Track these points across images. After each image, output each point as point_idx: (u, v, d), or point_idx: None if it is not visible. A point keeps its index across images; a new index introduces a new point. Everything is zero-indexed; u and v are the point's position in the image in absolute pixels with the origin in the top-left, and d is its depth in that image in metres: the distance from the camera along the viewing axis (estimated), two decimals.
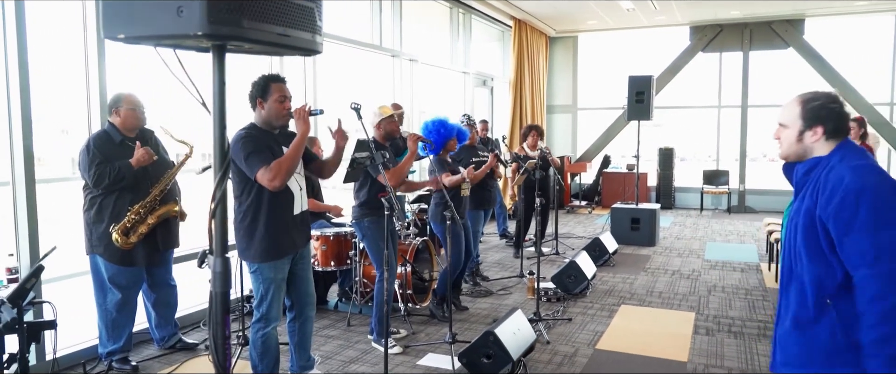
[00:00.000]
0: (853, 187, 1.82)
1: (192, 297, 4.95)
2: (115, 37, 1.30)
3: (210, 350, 1.45)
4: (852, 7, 9.91)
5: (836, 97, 2.01)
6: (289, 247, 3.26)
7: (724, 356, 4.14)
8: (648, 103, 8.22)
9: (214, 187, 1.39)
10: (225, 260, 1.39)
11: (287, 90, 3.21)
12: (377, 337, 4.30)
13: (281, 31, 1.31)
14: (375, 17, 7.35)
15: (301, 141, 3.10)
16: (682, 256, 7.38)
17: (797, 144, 2.01)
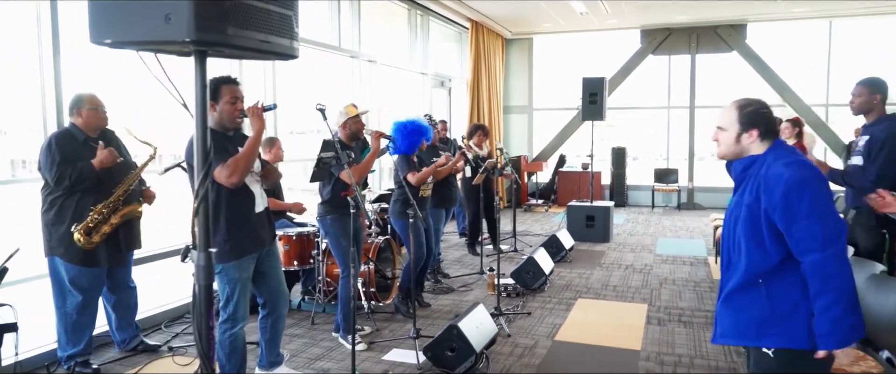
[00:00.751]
0: (794, 181, 2.01)
1: (152, 299, 4.92)
2: (102, 42, 1.36)
3: (195, 342, 1.51)
4: (790, 13, 10.43)
5: (766, 103, 2.22)
6: (252, 246, 3.29)
7: (674, 344, 4.36)
8: (601, 104, 8.48)
9: (198, 186, 1.46)
10: (208, 254, 1.46)
11: (239, 91, 3.23)
12: (343, 334, 4.36)
13: (262, 38, 1.39)
14: (334, 18, 7.39)
15: (257, 137, 3.14)
16: (634, 251, 7.66)
17: (735, 144, 2.20)
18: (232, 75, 3.26)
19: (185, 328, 4.73)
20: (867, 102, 3.85)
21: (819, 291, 1.99)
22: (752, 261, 2.12)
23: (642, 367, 3.94)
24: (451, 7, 9.43)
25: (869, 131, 3.84)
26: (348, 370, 3.87)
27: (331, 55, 7.36)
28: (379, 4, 8.39)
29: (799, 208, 2.00)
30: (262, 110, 3.16)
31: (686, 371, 3.87)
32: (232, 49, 1.39)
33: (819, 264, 1.98)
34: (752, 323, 2.13)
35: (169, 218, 5.70)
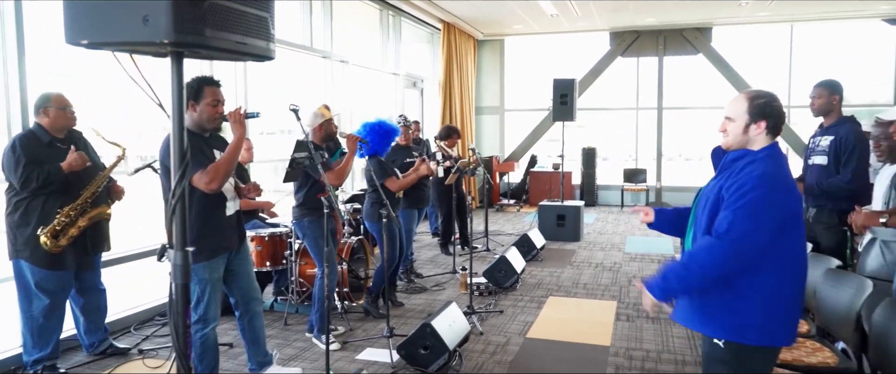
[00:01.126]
0: (755, 182, 2.07)
1: (121, 301, 4.85)
2: (78, 42, 1.36)
3: (172, 340, 1.52)
4: (754, 17, 10.70)
5: (777, 96, 2.25)
6: (222, 247, 3.29)
7: (643, 339, 4.46)
8: (572, 105, 8.61)
9: (174, 185, 1.47)
10: (185, 253, 1.47)
11: (220, 94, 3.21)
12: (318, 334, 4.36)
13: (239, 40, 1.41)
14: (306, 18, 7.36)
15: (237, 145, 3.14)
16: (604, 250, 7.79)
17: (743, 135, 2.21)
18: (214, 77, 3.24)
19: (156, 330, 4.68)
20: (827, 103, 4.01)
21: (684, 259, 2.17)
22: None
23: (611, 362, 4.03)
24: (423, 8, 9.46)
25: (833, 132, 3.99)
26: (322, 370, 3.88)
27: (303, 55, 7.34)
28: (351, 5, 8.39)
29: (738, 200, 2.07)
30: (244, 117, 3.15)
31: (654, 366, 3.98)
32: (209, 50, 1.41)
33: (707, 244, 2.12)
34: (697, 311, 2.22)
35: (138, 219, 5.63)
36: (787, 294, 2.14)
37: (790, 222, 2.11)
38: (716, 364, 2.21)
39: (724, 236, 2.06)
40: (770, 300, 2.11)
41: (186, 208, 1.44)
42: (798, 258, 2.17)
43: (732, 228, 2.05)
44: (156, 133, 6.31)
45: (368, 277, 5.32)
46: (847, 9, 9.92)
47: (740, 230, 2.04)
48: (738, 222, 2.04)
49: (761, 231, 2.05)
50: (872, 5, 9.76)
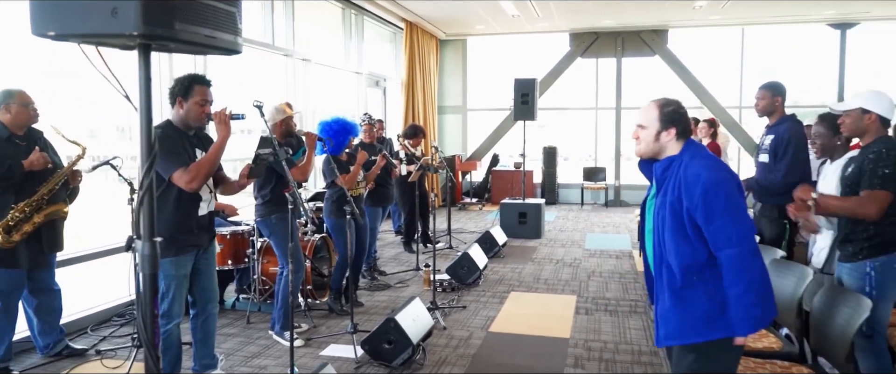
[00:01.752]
0: (711, 182, 2.16)
1: (77, 302, 4.74)
2: (45, 34, 1.36)
3: (138, 331, 1.54)
4: (708, 20, 11.05)
5: (683, 104, 2.36)
6: (190, 245, 3.28)
7: (601, 331, 4.60)
8: (533, 105, 8.75)
9: (142, 177, 1.48)
10: (153, 244, 1.49)
11: (209, 94, 3.21)
12: (280, 331, 4.35)
13: (208, 33, 1.44)
14: (267, 16, 7.30)
15: (221, 145, 3.14)
16: (564, 246, 7.95)
17: (655, 142, 2.31)
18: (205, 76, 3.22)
19: (114, 331, 4.60)
20: (770, 103, 4.20)
21: (733, 282, 2.14)
22: (683, 258, 2.21)
23: (571, 353, 4.14)
24: (386, 7, 9.48)
25: (773, 131, 4.18)
26: (286, 366, 3.89)
27: (264, 53, 7.28)
28: (313, 3, 8.35)
29: (716, 207, 2.14)
30: (229, 118, 3.14)
31: (611, 356, 4.11)
32: (178, 43, 1.43)
33: (733, 258, 2.13)
34: (698, 322, 2.22)
35: (94, 219, 5.50)
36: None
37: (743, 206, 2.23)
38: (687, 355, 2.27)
39: (739, 242, 2.13)
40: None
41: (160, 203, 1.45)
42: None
43: (738, 231, 2.13)
44: (110, 131, 6.20)
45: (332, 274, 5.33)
46: (794, 13, 10.33)
47: (743, 227, 2.14)
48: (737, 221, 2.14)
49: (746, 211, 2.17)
50: (818, 10, 10.19)
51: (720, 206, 2.14)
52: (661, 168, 2.32)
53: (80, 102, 5.26)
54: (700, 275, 2.21)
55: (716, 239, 2.16)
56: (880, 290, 2.74)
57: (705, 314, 2.20)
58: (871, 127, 2.85)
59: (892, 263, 2.74)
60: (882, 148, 2.76)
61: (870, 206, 2.72)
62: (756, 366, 2.73)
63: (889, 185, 2.68)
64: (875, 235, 2.76)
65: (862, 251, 2.80)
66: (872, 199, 2.72)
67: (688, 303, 2.23)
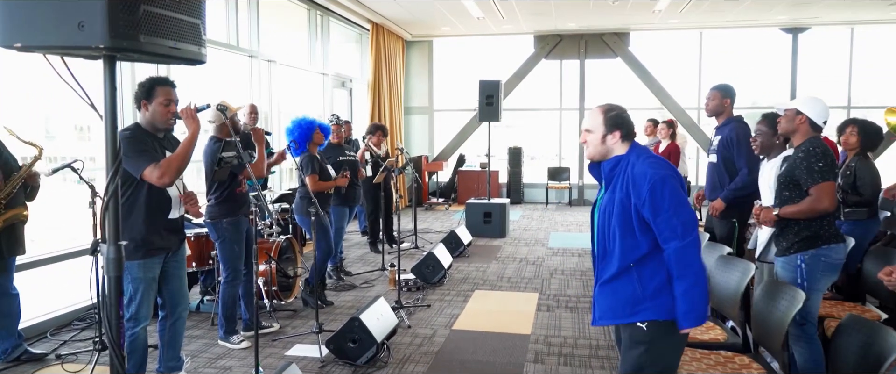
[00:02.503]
0: (657, 178, 2.30)
1: (35, 306, 4.68)
2: (11, 45, 1.40)
3: (104, 333, 1.58)
4: (667, 23, 11.35)
5: (625, 108, 2.50)
6: (159, 248, 3.29)
7: (561, 327, 4.74)
8: (497, 106, 8.89)
9: (107, 182, 1.53)
10: (118, 247, 1.53)
11: (173, 94, 3.22)
12: (225, 335, 4.35)
13: (172, 45, 1.49)
14: (231, 16, 7.27)
15: (192, 139, 3.15)
16: (528, 245, 8.11)
17: (601, 145, 2.46)
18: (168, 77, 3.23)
19: (74, 335, 4.56)
20: (719, 105, 4.39)
21: (679, 275, 2.29)
22: (625, 250, 2.37)
23: (531, 349, 4.27)
24: (352, 8, 9.51)
25: (720, 132, 4.38)
26: (251, 367, 3.92)
27: (228, 54, 7.25)
28: (277, 4, 8.34)
29: (662, 202, 2.28)
30: (195, 111, 3.16)
31: (570, 350, 4.25)
32: (143, 55, 1.49)
33: (679, 251, 2.28)
34: (627, 303, 2.38)
35: (53, 222, 5.43)
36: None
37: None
38: (638, 346, 2.40)
39: (683, 234, 2.27)
40: None
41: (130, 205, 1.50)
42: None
43: (682, 224, 2.27)
44: (68, 131, 6.11)
45: (297, 275, 5.37)
46: (748, 17, 10.70)
47: (688, 219, 2.28)
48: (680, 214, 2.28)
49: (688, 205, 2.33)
50: (770, 16, 10.56)
51: (666, 200, 2.28)
52: (609, 167, 2.46)
53: (34, 101, 5.19)
54: (636, 264, 2.37)
55: (663, 230, 2.30)
56: (810, 281, 2.93)
57: (633, 298, 2.37)
58: (801, 128, 3.04)
59: (819, 256, 2.93)
60: (809, 147, 2.96)
61: (823, 199, 2.91)
62: (701, 356, 2.89)
63: (828, 175, 2.88)
64: (804, 229, 2.95)
65: (793, 246, 2.99)
66: (821, 192, 2.91)
67: (619, 288, 2.40)
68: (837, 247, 2.98)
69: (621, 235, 2.38)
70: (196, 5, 1.57)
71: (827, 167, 2.90)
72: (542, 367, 3.96)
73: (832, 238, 2.98)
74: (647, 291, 2.36)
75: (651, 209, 2.30)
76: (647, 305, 2.37)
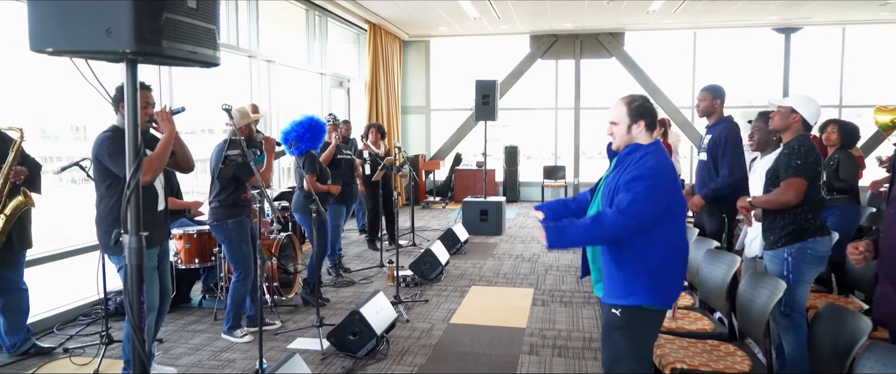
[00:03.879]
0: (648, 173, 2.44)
1: (42, 302, 4.78)
2: (43, 50, 1.52)
3: (127, 317, 1.70)
4: (661, 24, 11.49)
5: (648, 97, 2.64)
6: (153, 240, 3.41)
7: (555, 321, 4.87)
8: (493, 105, 9.01)
9: (129, 178, 1.66)
10: (139, 237, 1.65)
11: (150, 97, 3.36)
12: (228, 330, 4.47)
13: (191, 49, 1.61)
14: (231, 17, 7.38)
15: (169, 139, 3.27)
16: (524, 242, 8.23)
17: (627, 135, 2.57)
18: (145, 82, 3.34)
19: (80, 330, 4.66)
20: (710, 105, 4.52)
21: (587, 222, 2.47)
22: None
23: (527, 341, 4.40)
24: (349, 9, 9.62)
25: (711, 131, 4.51)
26: (254, 359, 4.03)
27: (228, 55, 7.35)
28: (277, 5, 8.44)
29: (632, 186, 2.43)
30: (170, 114, 3.29)
31: (564, 343, 4.37)
32: (164, 58, 1.61)
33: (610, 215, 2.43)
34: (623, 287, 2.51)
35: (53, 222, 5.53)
36: (671, 266, 2.52)
37: (674, 206, 2.51)
38: (613, 331, 2.58)
39: (624, 211, 2.41)
40: (656, 272, 2.48)
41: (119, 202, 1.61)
42: (679, 237, 2.56)
43: (630, 207, 2.40)
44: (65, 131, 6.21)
45: (298, 271, 5.48)
46: (741, 18, 10.84)
47: (636, 210, 2.40)
48: (635, 202, 2.41)
49: (650, 212, 2.43)
50: (763, 16, 10.71)
51: (638, 187, 2.42)
52: (626, 151, 2.58)
53: (30, 101, 5.27)
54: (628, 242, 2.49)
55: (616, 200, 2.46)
56: (796, 273, 3.06)
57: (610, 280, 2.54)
58: (794, 126, 3.17)
59: (805, 249, 3.06)
60: (796, 144, 3.09)
61: (788, 192, 3.04)
62: (689, 345, 3.01)
63: (801, 173, 3.01)
64: (790, 224, 3.08)
65: (780, 240, 3.11)
66: (789, 186, 3.04)
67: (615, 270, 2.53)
68: (823, 240, 3.11)
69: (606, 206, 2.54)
70: (212, 13, 1.69)
71: (804, 165, 3.02)
72: (536, 359, 4.09)
73: (818, 231, 3.11)
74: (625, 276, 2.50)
75: (624, 186, 2.45)
76: (620, 292, 2.52)
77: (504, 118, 12.67)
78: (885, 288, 2.28)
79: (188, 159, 3.65)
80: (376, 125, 7.56)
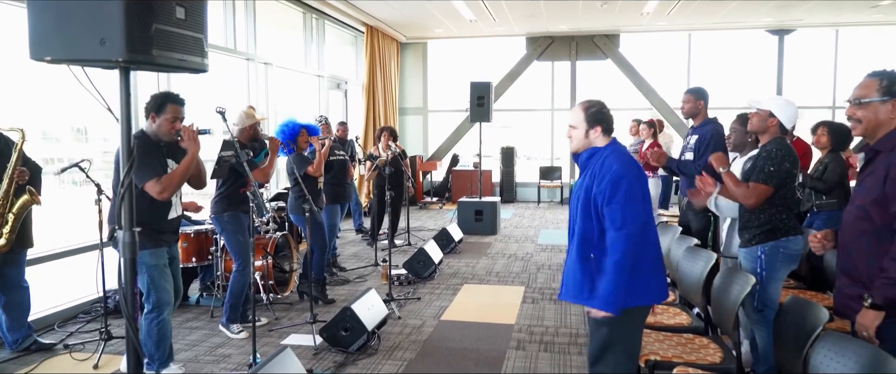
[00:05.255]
0: (618, 175, 2.58)
1: (46, 300, 4.90)
2: (42, 58, 1.64)
3: (122, 308, 1.81)
4: (656, 25, 11.61)
5: (605, 104, 2.77)
6: (164, 241, 3.55)
7: (544, 317, 4.98)
8: (488, 107, 9.12)
9: (123, 176, 1.78)
10: (132, 233, 1.77)
11: (181, 112, 3.46)
12: (226, 322, 4.59)
13: (180, 57, 1.73)
14: (229, 20, 7.50)
15: (191, 160, 3.40)
16: (518, 242, 8.35)
17: (585, 139, 2.74)
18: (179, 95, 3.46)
19: (80, 327, 4.78)
20: (694, 107, 4.64)
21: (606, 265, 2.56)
22: (585, 231, 2.67)
23: (514, 337, 4.51)
24: (346, 11, 9.74)
25: (697, 132, 4.62)
26: (248, 354, 4.15)
27: (225, 57, 7.47)
28: (274, 8, 8.56)
29: (614, 195, 2.56)
30: (196, 133, 3.40)
31: (552, 338, 4.48)
32: (154, 66, 1.73)
33: (614, 239, 2.55)
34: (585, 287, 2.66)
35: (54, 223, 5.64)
36: (650, 260, 2.64)
37: (647, 199, 2.64)
38: (601, 327, 2.69)
39: (623, 227, 2.53)
40: (638, 270, 2.59)
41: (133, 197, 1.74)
42: (651, 227, 2.68)
43: (625, 218, 2.53)
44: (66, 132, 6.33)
45: (293, 270, 5.60)
46: (734, 20, 10.96)
47: (630, 216, 2.53)
48: (625, 210, 2.54)
49: (640, 209, 2.58)
50: (756, 18, 10.82)
51: (618, 194, 2.55)
52: (586, 155, 2.75)
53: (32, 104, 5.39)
54: (595, 247, 2.63)
55: (606, 220, 2.58)
56: (769, 270, 3.17)
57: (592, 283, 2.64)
58: (771, 129, 3.28)
59: (778, 247, 3.16)
60: (773, 148, 3.19)
61: (750, 196, 3.16)
62: (664, 338, 3.12)
63: (770, 180, 3.12)
64: (765, 223, 3.19)
65: (754, 238, 3.22)
66: (754, 191, 3.16)
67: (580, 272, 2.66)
68: (795, 239, 3.22)
69: (582, 217, 2.68)
70: (200, 23, 1.82)
71: (776, 172, 3.12)
72: (523, 353, 4.20)
73: (791, 231, 3.22)
74: None
75: (603, 198, 2.58)
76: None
77: (503, 119, 12.81)
78: (841, 281, 2.39)
79: (202, 177, 3.75)
80: (388, 128, 7.66)
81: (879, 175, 2.23)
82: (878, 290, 2.16)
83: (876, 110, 2.26)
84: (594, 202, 2.63)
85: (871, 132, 2.31)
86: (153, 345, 3.52)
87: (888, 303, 2.15)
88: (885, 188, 2.19)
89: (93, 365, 4.02)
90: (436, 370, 3.92)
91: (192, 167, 3.40)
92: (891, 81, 2.23)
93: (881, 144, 2.28)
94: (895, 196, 2.15)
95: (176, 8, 1.69)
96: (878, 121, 2.27)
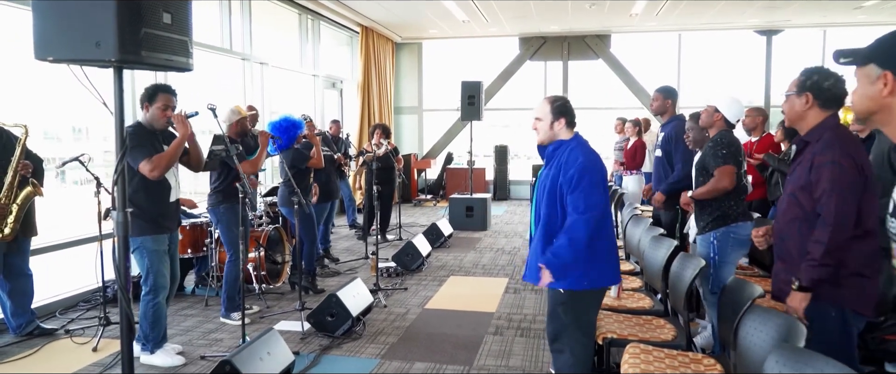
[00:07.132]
0: (583, 165, 2.80)
1: (48, 288, 5.12)
2: (45, 58, 1.88)
3: (117, 284, 2.04)
4: (646, 26, 11.82)
5: (568, 99, 2.98)
6: (166, 226, 3.80)
7: (524, 306, 5.20)
8: (479, 106, 9.35)
9: (116, 163, 2.01)
10: (125, 213, 2.00)
11: (172, 101, 3.75)
12: (226, 313, 4.82)
13: (167, 57, 1.97)
14: (225, 20, 7.72)
15: (181, 141, 3.68)
16: (507, 237, 8.57)
17: (550, 131, 2.94)
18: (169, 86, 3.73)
19: (81, 314, 5.01)
20: (662, 104, 4.86)
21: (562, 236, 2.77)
22: (550, 218, 2.87)
23: (493, 324, 4.74)
24: (341, 12, 9.96)
25: (664, 129, 4.85)
26: (239, 339, 4.37)
27: (221, 57, 7.69)
28: (270, 8, 8.79)
29: (578, 184, 2.78)
30: (185, 117, 3.67)
31: (529, 325, 4.71)
32: (144, 65, 1.96)
33: (574, 221, 2.77)
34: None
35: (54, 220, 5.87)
36: (605, 248, 2.86)
37: (606, 187, 2.87)
38: (558, 307, 2.93)
39: (585, 211, 2.74)
40: (594, 256, 2.82)
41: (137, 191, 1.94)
42: (608, 217, 2.90)
43: (587, 204, 2.75)
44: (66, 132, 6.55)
45: (285, 261, 5.83)
46: (723, 20, 11.17)
47: (593, 202, 2.75)
48: (588, 197, 2.75)
49: (601, 198, 2.80)
50: (744, 18, 11.03)
51: (582, 184, 2.77)
52: (552, 148, 2.95)
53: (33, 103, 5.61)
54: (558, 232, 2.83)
55: (570, 203, 2.79)
56: (721, 255, 3.39)
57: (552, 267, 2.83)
58: (716, 123, 3.51)
59: (729, 233, 3.39)
60: (719, 138, 3.43)
61: (722, 180, 3.39)
62: (624, 319, 3.35)
63: (729, 160, 3.36)
64: (715, 210, 3.42)
65: (707, 225, 3.45)
66: (722, 173, 3.39)
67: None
68: (745, 225, 3.45)
69: (548, 204, 2.89)
70: (185, 27, 2.05)
71: (729, 154, 3.36)
72: (499, 338, 4.43)
73: (740, 217, 3.44)
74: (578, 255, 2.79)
75: (569, 187, 2.79)
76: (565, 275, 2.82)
77: (496, 118, 13.03)
78: (777, 266, 2.61)
79: (200, 159, 4.02)
80: (381, 125, 7.88)
81: (806, 164, 2.44)
82: (804, 272, 2.36)
83: (792, 103, 2.49)
84: (560, 191, 2.84)
85: (793, 123, 2.53)
86: (148, 326, 3.75)
87: (814, 285, 2.35)
88: (810, 176, 2.41)
89: (92, 348, 4.25)
90: (416, 352, 4.15)
91: (181, 147, 3.65)
92: (806, 77, 2.45)
93: (810, 135, 2.50)
94: (818, 182, 2.37)
95: (162, 14, 1.92)
96: (794, 112, 2.49)
